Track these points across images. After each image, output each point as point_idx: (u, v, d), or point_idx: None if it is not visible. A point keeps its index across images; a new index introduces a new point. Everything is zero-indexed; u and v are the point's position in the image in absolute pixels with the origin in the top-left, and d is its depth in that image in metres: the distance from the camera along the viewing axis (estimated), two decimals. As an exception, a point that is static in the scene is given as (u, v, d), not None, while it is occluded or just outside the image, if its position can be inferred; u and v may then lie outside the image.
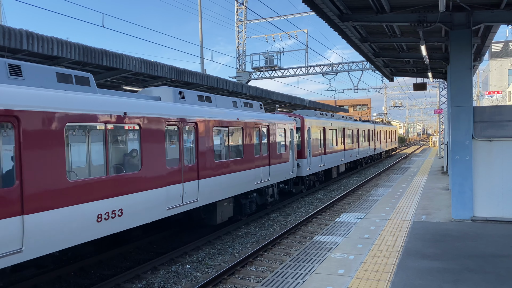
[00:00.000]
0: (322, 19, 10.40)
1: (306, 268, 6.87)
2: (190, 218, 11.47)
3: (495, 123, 9.73)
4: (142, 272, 9.05)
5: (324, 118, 21.89)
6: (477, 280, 6.00)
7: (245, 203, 13.26)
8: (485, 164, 9.59)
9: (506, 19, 9.57)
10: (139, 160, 8.62)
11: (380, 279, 6.16)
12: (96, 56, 11.06)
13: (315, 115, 20.94)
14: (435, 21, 9.77)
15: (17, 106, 6.16)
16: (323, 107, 34.05)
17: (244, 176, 12.80)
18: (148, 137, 8.79)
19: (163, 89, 10.68)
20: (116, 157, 8.66)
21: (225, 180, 11.65)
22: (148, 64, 13.05)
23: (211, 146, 10.99)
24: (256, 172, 13.58)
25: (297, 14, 29.50)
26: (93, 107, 7.51)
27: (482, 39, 12.63)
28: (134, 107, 8.51)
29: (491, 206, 9.58)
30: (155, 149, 8.97)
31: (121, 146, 8.94)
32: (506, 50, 57.19)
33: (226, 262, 9.89)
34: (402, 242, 8.08)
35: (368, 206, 12.16)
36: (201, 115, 10.69)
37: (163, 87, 10.76)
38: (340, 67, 30.04)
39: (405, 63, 17.89)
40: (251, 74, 31.21)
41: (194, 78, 15.61)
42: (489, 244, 7.73)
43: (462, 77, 9.75)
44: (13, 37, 8.82)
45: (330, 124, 22.27)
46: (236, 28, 31.30)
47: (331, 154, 22.14)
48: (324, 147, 21.03)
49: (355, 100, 74.23)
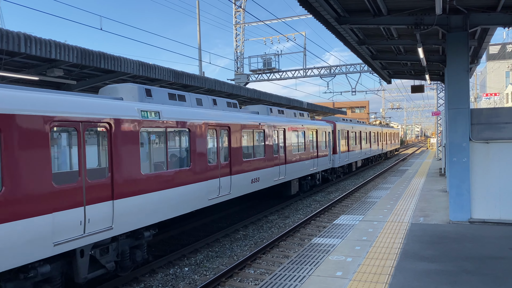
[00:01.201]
0: (320, 22, 10.42)
1: (304, 270, 6.87)
2: (278, 191, 17.16)
3: (492, 125, 9.76)
4: (140, 275, 9.04)
5: (347, 123, 27.81)
6: (474, 282, 6.01)
7: (304, 183, 19.23)
8: (482, 166, 9.62)
9: (502, 22, 9.62)
10: (262, 148, 14.71)
11: (378, 281, 6.17)
12: (94, 59, 11.06)
13: (341, 121, 26.56)
14: (432, 23, 9.81)
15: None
16: (321, 109, 34.25)
17: (305, 165, 18.65)
18: (267, 136, 14.82)
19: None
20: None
21: (296, 166, 17.56)
22: (146, 66, 13.06)
23: (291, 144, 17.21)
24: (311, 162, 19.58)
25: (295, 17, 29.57)
26: (185, 116, 10.13)
27: (479, 42, 12.69)
28: (223, 117, 12.20)
29: (489, 208, 9.60)
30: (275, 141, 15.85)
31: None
32: (504, 52, 57.42)
33: (224, 264, 9.89)
34: (400, 244, 8.09)
35: (366, 208, 12.17)
36: (300, 123, 18.27)
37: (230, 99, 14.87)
38: (338, 70, 30.10)
39: (402, 65, 17.95)
40: (249, 76, 31.23)
41: (192, 81, 15.63)
42: (487, 246, 7.74)
43: (459, 79, 9.79)
44: (11, 39, 8.82)
45: (351, 128, 28.07)
46: (234, 31, 31.35)
47: (352, 152, 28.05)
48: (348, 146, 26.79)
49: (353, 102, 74.37)
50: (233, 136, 12.42)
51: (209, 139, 11.15)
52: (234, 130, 12.47)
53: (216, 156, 11.49)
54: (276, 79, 30.87)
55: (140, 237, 8.68)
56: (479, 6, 9.43)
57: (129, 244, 8.48)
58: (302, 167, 18.26)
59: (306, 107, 29.86)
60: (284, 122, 16.67)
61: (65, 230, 6.72)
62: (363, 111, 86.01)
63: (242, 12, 30.75)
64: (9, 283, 6.19)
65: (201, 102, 11.62)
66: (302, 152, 18.33)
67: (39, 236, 6.28)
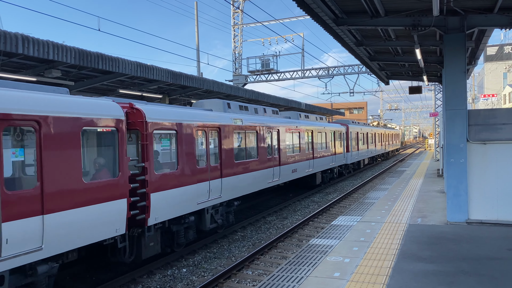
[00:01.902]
0: (318, 23, 10.44)
1: (302, 271, 6.88)
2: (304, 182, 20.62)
3: (489, 126, 9.79)
4: (138, 276, 9.02)
5: (357, 125, 31.32)
6: (471, 282, 6.03)
7: (324, 176, 22.94)
8: (479, 167, 9.65)
9: (499, 23, 9.65)
10: (302, 145, 18.94)
11: (376, 282, 6.18)
12: (92, 60, 11.05)
13: (352, 123, 29.82)
14: (430, 25, 9.84)
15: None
16: (319, 110, 34.33)
17: (326, 160, 22.48)
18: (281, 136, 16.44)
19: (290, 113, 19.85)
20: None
21: (320, 161, 21.32)
22: (144, 67, 13.06)
23: (317, 142, 20.85)
24: (330, 158, 23.29)
25: (293, 18, 29.60)
26: (253, 122, 13.93)
27: (476, 43, 12.72)
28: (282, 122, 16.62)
29: (486, 209, 9.62)
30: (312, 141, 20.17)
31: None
32: (501, 54, 57.54)
33: (222, 265, 9.88)
34: (397, 245, 8.11)
35: (364, 209, 12.19)
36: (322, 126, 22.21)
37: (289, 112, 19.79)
38: (336, 71, 30.12)
39: (400, 66, 17.98)
40: (247, 77, 31.22)
41: (190, 82, 15.63)
42: (484, 247, 7.76)
43: (457, 81, 9.82)
44: (9, 40, 8.81)
45: (360, 130, 31.37)
46: (233, 32, 31.36)
47: (361, 151, 31.67)
48: (357, 146, 30.18)
49: (351, 104, 74.43)
50: (281, 136, 16.31)
51: (265, 139, 14.76)
52: (282, 132, 16.33)
53: (272, 152, 15.36)
54: (274, 80, 30.88)
55: (231, 205, 12.39)
56: (476, 8, 9.46)
57: (226, 209, 12.12)
58: (324, 162, 22.23)
59: (305, 108, 29.93)
60: (312, 125, 20.46)
61: (199, 195, 10.46)
62: (361, 112, 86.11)
63: (240, 13, 30.77)
64: (174, 225, 9.79)
65: (256, 111, 15.17)
66: (324, 150, 22.26)
67: (191, 198, 10.13)
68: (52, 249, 6.49)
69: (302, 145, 18.70)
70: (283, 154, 16.28)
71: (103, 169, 7.75)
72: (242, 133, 13.15)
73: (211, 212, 11.21)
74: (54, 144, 6.59)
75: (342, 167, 27.02)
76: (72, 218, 6.81)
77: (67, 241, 6.74)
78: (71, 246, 6.85)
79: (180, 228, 9.98)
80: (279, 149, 15.87)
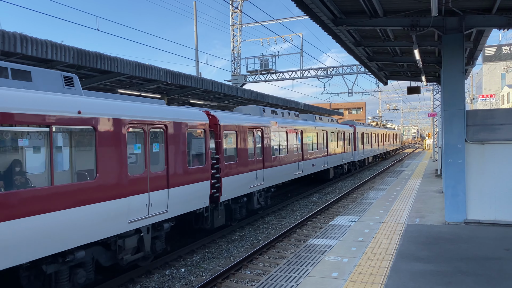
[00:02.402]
0: (316, 23, 10.46)
1: (300, 271, 6.88)
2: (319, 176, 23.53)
3: (487, 126, 9.82)
4: (136, 276, 9.02)
5: (363, 126, 34.64)
6: (469, 282, 6.04)
7: (336, 171, 25.82)
8: (477, 167, 9.67)
9: (497, 23, 9.68)
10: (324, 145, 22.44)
11: (374, 281, 6.19)
12: (90, 60, 11.04)
13: (358, 124, 33.08)
14: (428, 25, 9.86)
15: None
16: (318, 110, 34.40)
17: (338, 157, 25.56)
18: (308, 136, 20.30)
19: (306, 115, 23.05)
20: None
21: (333, 158, 24.37)
22: (142, 67, 13.05)
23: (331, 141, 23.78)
24: (341, 155, 26.48)
25: (292, 18, 29.60)
26: (284, 124, 16.84)
27: (474, 43, 12.75)
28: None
29: (484, 209, 9.64)
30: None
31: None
32: (499, 54, 57.62)
33: (221, 265, 9.89)
34: (395, 245, 8.12)
35: (363, 209, 12.20)
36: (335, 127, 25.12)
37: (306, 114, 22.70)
38: (335, 71, 30.14)
39: (399, 66, 18.01)
40: (246, 77, 31.22)
41: (189, 82, 15.62)
42: (482, 247, 7.78)
43: (455, 81, 9.84)
44: (7, 40, 8.80)
45: (365, 130, 34.15)
46: (232, 32, 31.36)
47: (366, 149, 34.28)
48: (363, 145, 32.89)
49: (349, 104, 74.46)
50: (304, 136, 19.10)
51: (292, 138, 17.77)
52: (304, 132, 19.23)
53: (297, 149, 18.29)
54: (273, 80, 30.89)
55: (269, 191, 15.29)
56: (474, 8, 9.48)
57: (265, 194, 14.87)
58: (336, 159, 25.18)
59: (303, 108, 29.94)
60: (326, 126, 23.27)
61: (250, 182, 13.32)
62: (360, 112, 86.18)
63: (239, 13, 30.77)
64: (233, 204, 12.73)
65: (283, 114, 17.86)
66: (336, 148, 25.28)
67: (245, 183, 13.01)
68: (172, 212, 9.30)
69: (319, 144, 21.63)
70: (305, 151, 19.28)
71: (197, 159, 10.54)
72: (276, 133, 15.98)
73: (257, 196, 14.13)
74: (173, 140, 9.46)
75: (350, 164, 29.93)
76: (183, 192, 9.70)
77: (179, 208, 9.60)
78: (182, 211, 9.72)
79: (237, 206, 12.99)
80: (302, 147, 18.84)
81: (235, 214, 12.90)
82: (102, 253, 7.91)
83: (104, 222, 7.34)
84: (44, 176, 6.64)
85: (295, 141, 18.00)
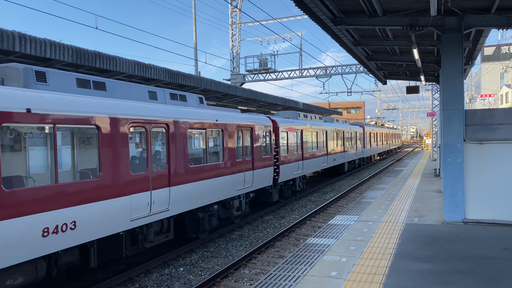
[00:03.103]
0: (316, 23, 10.45)
1: (299, 270, 6.89)
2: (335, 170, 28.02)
3: (486, 126, 9.82)
4: (135, 275, 9.02)
5: (369, 126, 38.93)
6: (468, 282, 6.05)
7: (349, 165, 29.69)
8: (476, 167, 9.68)
9: (496, 23, 9.68)
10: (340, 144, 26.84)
11: (373, 281, 6.19)
12: (89, 58, 11.02)
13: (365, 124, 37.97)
14: (427, 25, 9.86)
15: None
16: (316, 110, 34.40)
17: (351, 154, 29.80)
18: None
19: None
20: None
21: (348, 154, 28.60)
22: (141, 66, 13.03)
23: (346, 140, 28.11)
24: (354, 152, 30.68)
25: (291, 17, 29.58)
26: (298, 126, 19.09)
27: (473, 43, 12.76)
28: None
29: (483, 209, 9.66)
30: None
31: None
32: (498, 54, 57.66)
33: (219, 264, 9.89)
34: (394, 245, 8.13)
35: (361, 209, 12.21)
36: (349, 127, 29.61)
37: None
38: (334, 70, 30.14)
39: (398, 66, 18.01)
40: (245, 76, 31.20)
41: (188, 81, 15.61)
42: (480, 246, 7.79)
43: (454, 81, 9.84)
44: (5, 38, 8.77)
45: (372, 130, 38.30)
46: (231, 31, 31.33)
47: (372, 147, 38.94)
48: (370, 143, 37.39)
49: (348, 103, 74.49)
50: (328, 135, 23.69)
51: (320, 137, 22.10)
52: (328, 132, 23.63)
53: (323, 146, 22.69)
54: (272, 80, 30.87)
55: (305, 178, 19.58)
56: (473, 8, 9.48)
57: (303, 180, 19.41)
58: (350, 155, 29.38)
59: (302, 107, 29.94)
60: (342, 127, 27.48)
61: (294, 170, 17.86)
62: (359, 111, 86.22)
63: (238, 12, 30.74)
64: (284, 186, 17.27)
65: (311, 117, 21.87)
66: (351, 145, 29.64)
67: (292, 170, 17.56)
68: (255, 186, 13.97)
69: (338, 142, 26.12)
70: (329, 148, 23.84)
71: (265, 151, 14.79)
72: (309, 133, 20.33)
73: (298, 180, 18.56)
74: (257, 137, 14.16)
75: (360, 160, 34.42)
76: (261, 173, 14.25)
77: (258, 184, 14.25)
78: (259, 186, 14.39)
79: (285, 188, 17.31)
80: (326, 144, 23.29)
81: (284, 194, 17.32)
82: (222, 208, 12.30)
83: (223, 190, 11.76)
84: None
85: (322, 139, 22.40)
